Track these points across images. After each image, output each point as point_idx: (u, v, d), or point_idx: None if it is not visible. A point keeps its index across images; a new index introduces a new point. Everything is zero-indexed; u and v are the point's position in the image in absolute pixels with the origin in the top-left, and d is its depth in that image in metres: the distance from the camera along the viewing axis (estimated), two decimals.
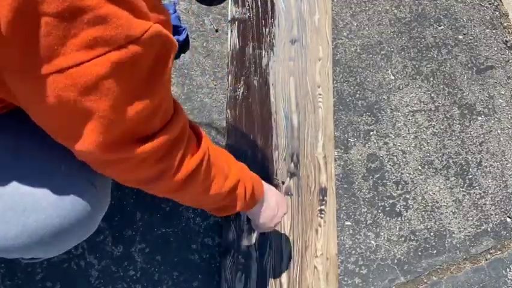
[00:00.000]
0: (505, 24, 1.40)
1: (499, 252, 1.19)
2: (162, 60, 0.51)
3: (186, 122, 0.63)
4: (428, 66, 1.32)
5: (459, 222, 1.19)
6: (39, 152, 0.66)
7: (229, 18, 1.23)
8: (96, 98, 0.48)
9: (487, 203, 1.22)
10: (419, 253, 1.15)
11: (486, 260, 1.18)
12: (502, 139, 1.29)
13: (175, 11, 1.19)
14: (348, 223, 1.15)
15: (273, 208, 0.88)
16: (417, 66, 1.31)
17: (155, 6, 0.51)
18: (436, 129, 1.26)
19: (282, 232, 1.08)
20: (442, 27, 1.36)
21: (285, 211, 0.91)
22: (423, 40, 1.34)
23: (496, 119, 1.30)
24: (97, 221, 0.73)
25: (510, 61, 1.36)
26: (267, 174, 1.11)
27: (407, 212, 1.18)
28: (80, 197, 0.66)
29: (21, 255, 0.70)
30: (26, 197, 0.63)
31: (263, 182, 0.86)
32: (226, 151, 0.81)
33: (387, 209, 1.17)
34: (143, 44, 0.47)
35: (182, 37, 1.18)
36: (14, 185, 0.63)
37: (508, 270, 1.18)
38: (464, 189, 1.22)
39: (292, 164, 1.13)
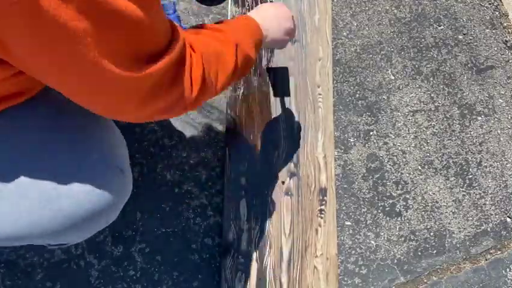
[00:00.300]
0: (505, 24, 1.40)
1: (499, 252, 1.19)
2: None
3: (184, 38, 0.61)
4: (428, 66, 1.32)
5: (459, 222, 1.19)
6: (72, 140, 0.69)
7: (229, 18, 1.23)
8: (96, 15, 0.45)
9: (487, 203, 1.22)
10: (419, 253, 1.15)
11: (486, 260, 1.18)
12: (502, 139, 1.29)
13: (175, 11, 1.19)
14: (348, 223, 1.15)
15: (278, 28, 0.87)
16: (417, 66, 1.31)
17: None
18: (436, 129, 1.26)
19: (282, 232, 1.08)
20: (442, 27, 1.36)
21: (289, 15, 0.90)
22: (423, 40, 1.34)
23: (496, 119, 1.30)
24: (121, 206, 0.76)
25: (510, 61, 1.36)
26: (267, 174, 1.11)
27: (407, 212, 1.18)
28: (109, 184, 0.70)
29: (51, 241, 0.74)
30: (59, 183, 0.66)
31: (251, 16, 0.84)
32: (207, 28, 0.76)
33: (387, 209, 1.18)
34: None
35: None
36: (49, 172, 0.66)
37: (508, 270, 1.18)
38: (464, 189, 1.22)
39: (292, 164, 1.13)
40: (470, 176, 1.24)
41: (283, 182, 1.11)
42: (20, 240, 0.70)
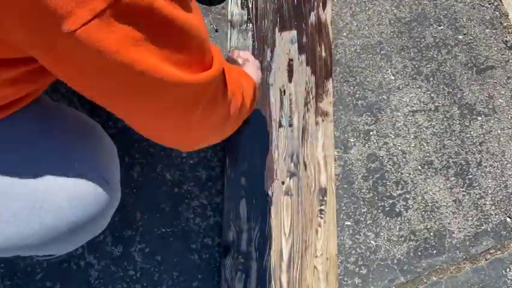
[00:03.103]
0: (505, 24, 1.40)
1: (499, 252, 1.19)
2: None
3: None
4: (428, 66, 1.32)
5: (459, 222, 1.19)
6: (53, 150, 0.67)
7: (229, 18, 1.23)
8: (156, 24, 0.47)
9: (487, 203, 1.22)
10: (419, 253, 1.15)
11: (486, 260, 1.18)
12: (502, 139, 1.29)
13: None
14: (348, 223, 1.15)
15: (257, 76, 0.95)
16: (417, 66, 1.31)
17: None
18: (436, 129, 1.26)
19: (282, 232, 1.08)
20: (442, 27, 1.36)
21: (257, 64, 1.00)
22: (423, 40, 1.34)
23: (496, 119, 1.30)
24: (109, 216, 0.75)
25: (510, 61, 1.36)
26: (267, 174, 1.11)
27: (407, 212, 1.18)
28: (93, 194, 0.68)
29: (36, 253, 0.72)
30: (41, 195, 0.65)
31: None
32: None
33: (387, 209, 1.18)
34: None
35: None
36: (30, 184, 0.65)
37: (508, 270, 1.18)
38: (464, 189, 1.22)
39: (292, 164, 1.13)
40: (470, 176, 1.24)
41: (283, 182, 1.11)
42: (3, 252, 0.68)
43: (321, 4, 1.27)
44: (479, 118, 1.29)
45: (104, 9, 0.43)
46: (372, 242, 1.14)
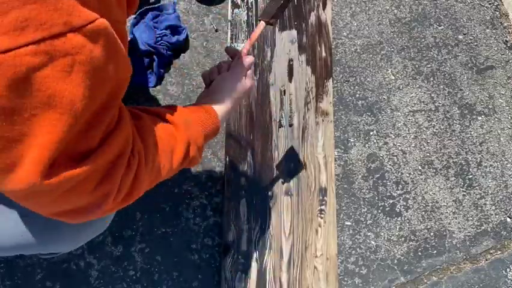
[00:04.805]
0: (505, 24, 1.40)
1: (499, 252, 1.19)
2: (107, 62, 0.43)
3: (130, 132, 0.54)
4: (428, 66, 1.32)
5: (459, 222, 1.19)
6: None
7: (229, 18, 1.23)
8: (27, 95, 0.39)
9: (487, 203, 1.22)
10: (419, 253, 1.15)
11: (486, 260, 1.18)
12: (502, 139, 1.28)
13: (174, 11, 1.19)
14: (348, 223, 1.15)
15: (236, 102, 0.78)
16: (417, 66, 1.31)
17: (112, 6, 0.45)
18: (436, 129, 1.26)
19: (282, 232, 1.08)
20: (442, 27, 1.36)
21: (244, 84, 0.78)
22: (423, 40, 1.34)
23: (496, 119, 1.30)
24: (111, 215, 0.75)
25: (510, 61, 1.36)
26: (267, 174, 1.11)
27: (407, 212, 1.18)
28: None
29: (40, 251, 0.74)
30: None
31: (208, 99, 0.75)
32: (156, 113, 0.67)
33: (387, 209, 1.17)
34: (86, 35, 0.40)
35: (182, 37, 1.18)
36: None
37: (508, 270, 1.18)
38: (464, 189, 1.22)
39: (292, 164, 1.13)
40: (470, 176, 1.24)
41: (283, 182, 1.11)
42: (11, 250, 0.70)
43: (321, 4, 1.27)
44: (479, 118, 1.29)
45: None
46: (372, 242, 1.14)
